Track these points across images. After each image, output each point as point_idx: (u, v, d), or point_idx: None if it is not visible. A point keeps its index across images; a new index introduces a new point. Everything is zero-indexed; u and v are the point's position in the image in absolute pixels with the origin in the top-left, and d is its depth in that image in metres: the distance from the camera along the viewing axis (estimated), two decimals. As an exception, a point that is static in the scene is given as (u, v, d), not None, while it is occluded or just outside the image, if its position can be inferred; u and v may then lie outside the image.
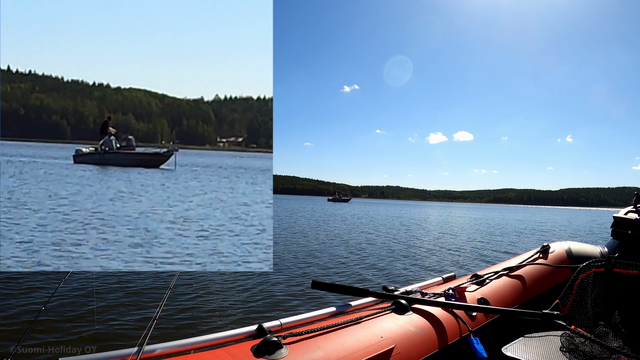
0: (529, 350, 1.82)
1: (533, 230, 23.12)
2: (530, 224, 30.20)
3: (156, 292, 5.30)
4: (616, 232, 3.37)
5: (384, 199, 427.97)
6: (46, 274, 5.71)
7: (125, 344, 1.57)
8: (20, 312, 4.33)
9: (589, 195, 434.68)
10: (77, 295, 4.99)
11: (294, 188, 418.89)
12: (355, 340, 1.79)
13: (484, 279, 2.67)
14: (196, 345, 1.66)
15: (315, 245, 11.63)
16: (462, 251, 11.96)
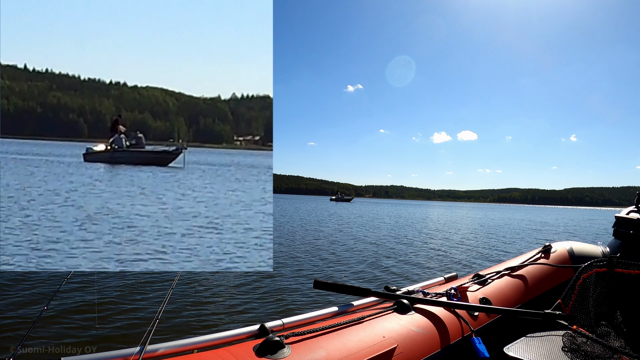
0: (531, 350, 1.82)
1: (539, 230, 23.09)
2: (536, 224, 30.15)
3: (158, 292, 5.31)
4: (618, 232, 3.36)
5: (388, 198, 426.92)
6: (48, 273, 5.73)
7: (128, 344, 1.58)
8: (23, 312, 4.34)
9: (594, 195, 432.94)
10: (79, 294, 5.00)
11: (298, 188, 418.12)
12: (358, 340, 1.79)
13: (485, 279, 2.67)
14: (198, 344, 1.67)
15: (316, 244, 11.63)
16: (463, 252, 11.95)
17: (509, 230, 21.76)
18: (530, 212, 75.94)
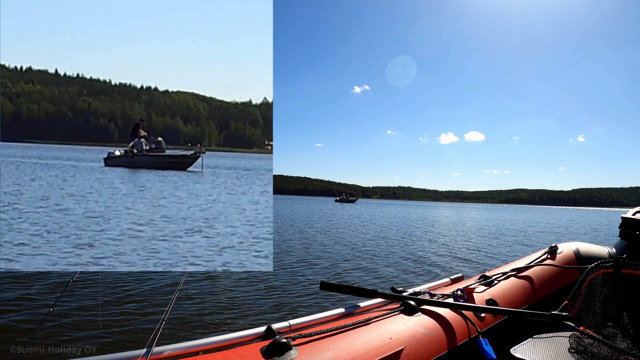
0: (538, 351, 1.82)
1: (554, 232, 23.00)
2: (551, 225, 30.03)
3: (164, 293, 5.32)
4: (624, 233, 3.34)
5: (396, 199, 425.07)
6: (54, 274, 5.75)
7: (135, 345, 1.58)
8: (29, 313, 4.36)
9: (602, 196, 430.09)
10: (85, 296, 5.02)
11: (305, 189, 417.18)
12: (365, 342, 1.79)
13: (492, 280, 2.67)
14: (205, 346, 1.67)
15: (320, 245, 11.63)
16: (476, 252, 11.93)
17: (524, 230, 21.68)
18: (539, 212, 75.39)
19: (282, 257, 9.04)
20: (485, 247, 13.39)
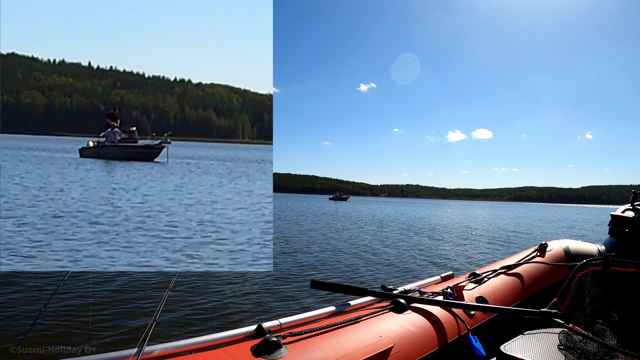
0: (528, 348, 1.83)
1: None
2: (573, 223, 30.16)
3: (155, 293, 5.30)
4: (613, 230, 3.37)
5: (404, 197, 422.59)
6: (45, 274, 5.71)
7: (125, 345, 1.58)
8: (21, 313, 4.33)
9: (611, 193, 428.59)
10: (77, 296, 4.99)
11: (313, 187, 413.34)
12: (354, 340, 1.80)
13: (482, 278, 2.68)
14: (196, 345, 1.67)
15: (314, 244, 11.64)
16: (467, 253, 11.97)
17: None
18: (549, 210, 74.84)
19: (280, 256, 9.04)
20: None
